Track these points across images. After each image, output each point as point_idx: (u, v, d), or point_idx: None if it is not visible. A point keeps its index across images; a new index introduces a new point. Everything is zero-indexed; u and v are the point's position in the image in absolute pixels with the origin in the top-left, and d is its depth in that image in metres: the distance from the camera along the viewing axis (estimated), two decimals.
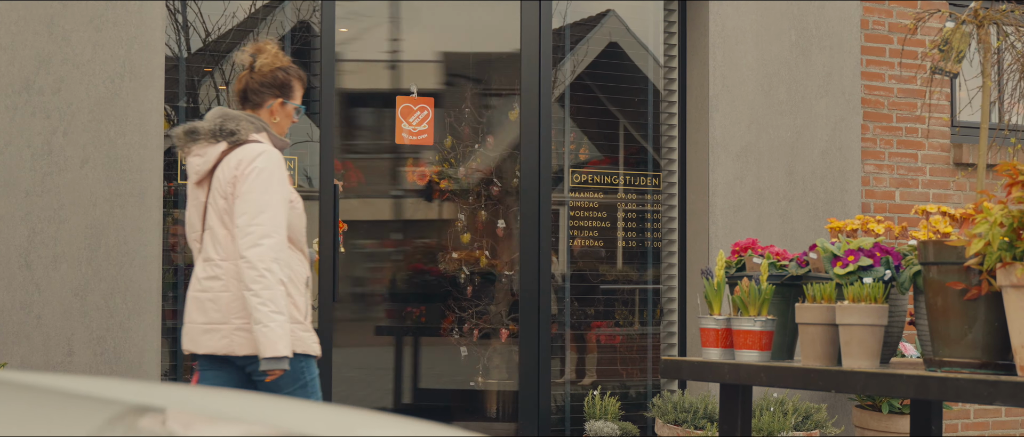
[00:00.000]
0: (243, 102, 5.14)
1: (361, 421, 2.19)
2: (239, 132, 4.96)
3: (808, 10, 8.28)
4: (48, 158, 6.37)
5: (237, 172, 4.87)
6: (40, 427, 1.78)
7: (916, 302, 4.73)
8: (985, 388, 4.06)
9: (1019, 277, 4.06)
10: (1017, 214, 4.09)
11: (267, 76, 5.11)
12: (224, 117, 4.99)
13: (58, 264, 6.37)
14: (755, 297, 4.87)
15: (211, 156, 4.95)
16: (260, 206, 4.79)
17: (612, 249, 8.30)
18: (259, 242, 4.76)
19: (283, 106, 5.12)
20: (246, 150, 4.90)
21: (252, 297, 4.74)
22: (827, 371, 4.56)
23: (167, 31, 6.97)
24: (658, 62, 8.27)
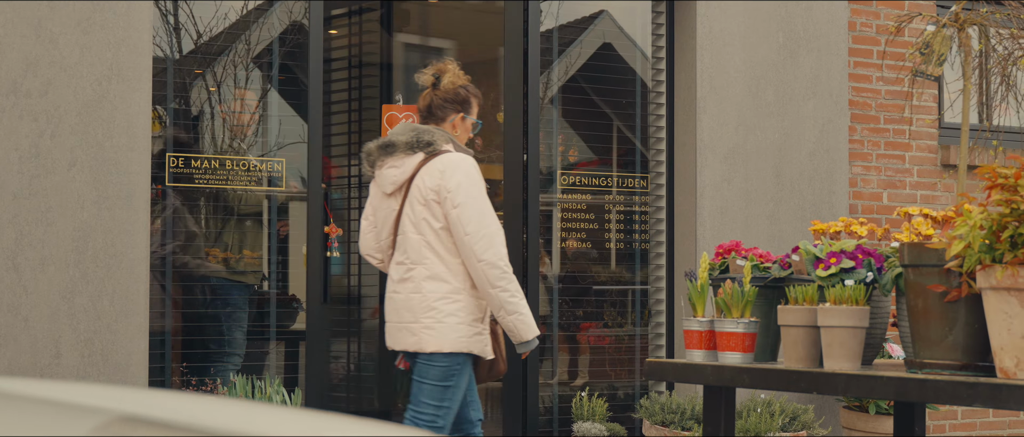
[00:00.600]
0: (427, 117, 5.60)
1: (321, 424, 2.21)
2: (435, 143, 5.41)
3: (795, 12, 8.30)
4: (35, 161, 6.38)
5: (442, 180, 5.32)
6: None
7: (898, 304, 4.75)
8: (964, 390, 4.08)
9: (998, 279, 4.08)
10: (996, 217, 4.11)
11: (449, 93, 5.58)
12: (418, 131, 5.45)
13: (45, 266, 6.38)
14: (738, 299, 4.89)
15: (409, 166, 5.39)
16: (480, 211, 5.29)
17: (601, 250, 8.32)
18: (492, 243, 5.26)
19: (463, 121, 5.61)
20: (447, 159, 5.36)
21: (500, 293, 5.27)
22: (809, 373, 4.58)
23: (159, 33, 6.99)
24: (647, 64, 8.29)
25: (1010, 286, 4.07)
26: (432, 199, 5.33)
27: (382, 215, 5.52)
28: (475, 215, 5.25)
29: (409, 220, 5.38)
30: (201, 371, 7.08)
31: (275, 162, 7.22)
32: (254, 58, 7.33)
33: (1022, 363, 4.09)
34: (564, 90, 8.20)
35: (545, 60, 7.97)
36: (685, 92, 8.09)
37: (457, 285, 5.36)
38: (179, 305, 7.13)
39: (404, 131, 5.45)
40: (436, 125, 5.55)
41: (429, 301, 5.32)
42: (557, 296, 8.11)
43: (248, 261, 7.37)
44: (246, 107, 7.31)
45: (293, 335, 7.51)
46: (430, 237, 5.34)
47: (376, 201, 5.57)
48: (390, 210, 5.47)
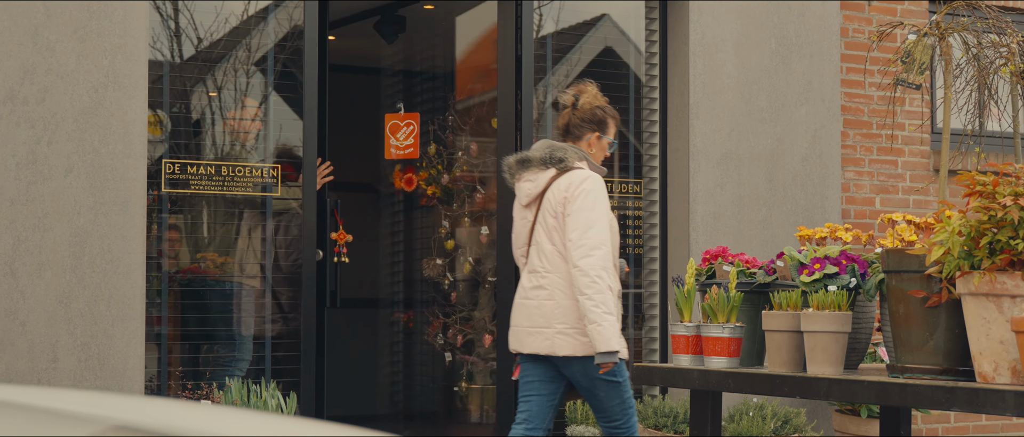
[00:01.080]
0: (565, 135, 5.92)
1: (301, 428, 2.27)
2: (566, 160, 5.72)
3: (788, 19, 8.37)
4: (32, 167, 6.45)
5: (567, 194, 5.60)
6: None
7: (881, 309, 4.81)
8: (942, 394, 4.14)
9: (977, 285, 4.14)
10: (975, 223, 4.17)
11: (587, 113, 5.89)
12: (552, 147, 5.78)
13: (42, 272, 6.45)
14: (724, 305, 4.95)
15: (542, 181, 5.71)
16: (589, 222, 5.50)
17: None
18: (590, 253, 5.45)
19: (599, 140, 5.88)
20: (574, 175, 5.65)
21: (586, 300, 5.42)
22: (792, 377, 4.64)
23: (159, 38, 7.05)
24: (640, 70, 8.35)
25: (988, 292, 4.13)
26: (560, 212, 5.64)
27: (518, 225, 5.88)
28: (582, 224, 5.50)
29: (543, 230, 5.71)
30: (199, 376, 7.14)
31: (269, 168, 7.28)
32: (254, 63, 7.39)
33: (1000, 368, 4.15)
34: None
35: (543, 66, 8.03)
36: (678, 98, 8.15)
37: None
38: (181, 310, 7.19)
39: (540, 148, 5.83)
40: (573, 143, 5.88)
41: (563, 308, 5.58)
42: None
43: (247, 265, 7.43)
44: (245, 112, 7.37)
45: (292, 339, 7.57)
46: (562, 247, 5.64)
47: (515, 211, 5.94)
48: (525, 221, 5.82)
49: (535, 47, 7.96)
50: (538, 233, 5.73)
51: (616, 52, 8.46)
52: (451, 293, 8.95)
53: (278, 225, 7.37)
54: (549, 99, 8.16)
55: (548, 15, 8.16)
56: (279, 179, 7.30)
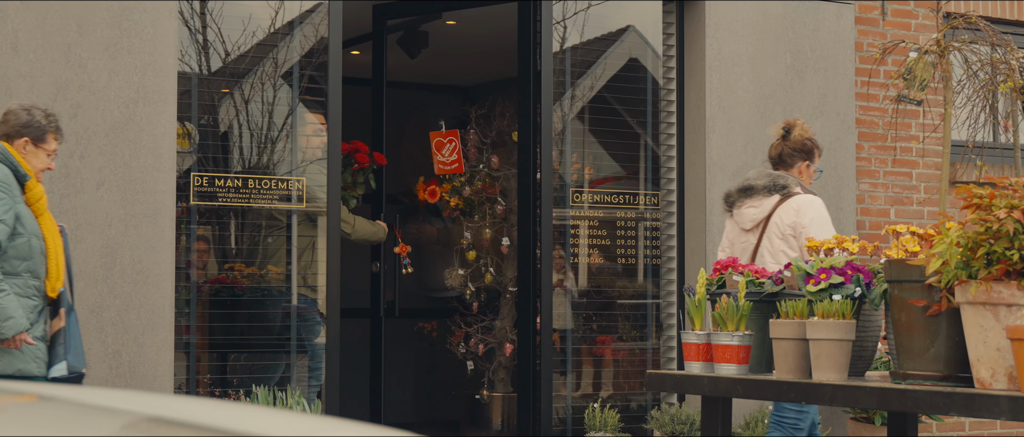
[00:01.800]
0: (777, 164, 6.55)
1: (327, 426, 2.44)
2: (789, 186, 6.35)
3: (803, 34, 8.52)
4: (65, 180, 6.65)
5: (797, 218, 6.24)
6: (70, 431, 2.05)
7: (886, 318, 4.96)
8: (941, 399, 4.30)
9: (973, 294, 4.30)
10: (972, 235, 4.33)
11: (797, 144, 6.53)
12: (773, 176, 6.40)
13: (76, 282, 6.64)
14: (733, 313, 5.11)
15: (767, 206, 6.33)
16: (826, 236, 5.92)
17: (615, 266, 8.54)
18: None
19: (808, 168, 6.53)
20: (802, 199, 6.30)
21: None
22: (798, 383, 4.80)
23: (187, 51, 7.25)
24: (658, 84, 8.52)
25: (985, 301, 4.28)
26: (788, 234, 6.22)
27: (739, 248, 6.40)
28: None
29: (768, 252, 6.27)
30: (227, 383, 7.34)
31: (296, 181, 7.48)
32: (281, 75, 7.58)
33: (997, 374, 4.30)
34: (583, 109, 8.44)
35: (564, 80, 8.21)
36: (695, 112, 8.31)
37: None
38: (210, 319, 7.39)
39: (760, 176, 6.41)
40: (785, 171, 6.48)
41: None
42: (572, 310, 8.34)
43: (274, 275, 7.62)
44: (272, 125, 7.56)
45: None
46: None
47: (733, 235, 6.50)
48: (747, 244, 6.36)
49: (555, 62, 8.13)
50: (763, 254, 6.26)
51: (636, 66, 8.62)
52: (473, 303, 9.13)
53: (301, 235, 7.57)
54: (572, 112, 8.33)
55: (570, 28, 8.33)
56: (304, 192, 7.48)
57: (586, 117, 8.56)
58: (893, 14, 9.00)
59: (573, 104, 8.38)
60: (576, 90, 8.39)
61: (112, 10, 6.79)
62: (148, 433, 2.17)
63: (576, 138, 8.44)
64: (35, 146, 5.82)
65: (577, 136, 8.47)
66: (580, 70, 8.43)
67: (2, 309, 5.48)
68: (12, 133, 5.80)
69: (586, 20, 8.47)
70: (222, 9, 7.42)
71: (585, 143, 8.57)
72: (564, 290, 8.33)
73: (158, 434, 2.19)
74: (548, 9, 8.04)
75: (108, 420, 2.19)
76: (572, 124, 8.39)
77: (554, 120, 8.16)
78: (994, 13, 9.39)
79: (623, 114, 8.63)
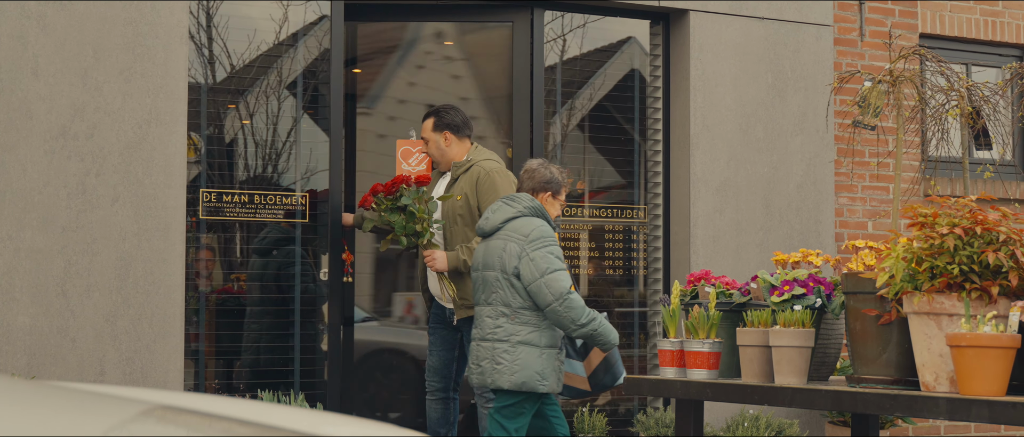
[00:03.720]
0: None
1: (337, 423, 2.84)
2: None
3: (784, 55, 8.93)
4: (82, 197, 7.06)
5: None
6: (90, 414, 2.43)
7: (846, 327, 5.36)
8: (887, 401, 4.70)
9: (917, 305, 4.70)
10: (917, 250, 4.73)
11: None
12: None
13: (91, 293, 7.06)
14: (704, 322, 5.51)
15: None
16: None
17: (604, 275, 8.95)
18: None
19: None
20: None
21: None
22: (762, 387, 5.20)
23: (194, 65, 7.66)
24: (646, 102, 8.92)
25: (928, 311, 4.68)
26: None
27: None
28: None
29: None
30: (234, 388, 7.74)
31: (299, 196, 7.89)
32: (286, 88, 8.00)
33: (940, 378, 4.70)
34: (574, 126, 8.83)
35: (554, 99, 8.61)
36: (680, 130, 8.71)
37: None
38: (216, 327, 7.80)
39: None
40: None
41: None
42: None
43: (282, 285, 8.03)
44: (276, 139, 7.97)
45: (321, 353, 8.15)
46: None
47: None
48: None
49: (546, 82, 8.54)
50: None
51: (626, 85, 9.02)
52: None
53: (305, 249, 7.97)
54: (571, 124, 8.74)
55: (559, 48, 8.74)
56: (307, 206, 7.89)
57: (578, 133, 8.96)
58: (871, 35, 9.40)
59: (567, 120, 8.79)
60: (569, 107, 8.79)
61: (126, 36, 7.20)
62: (162, 419, 2.54)
63: (567, 153, 8.84)
64: (553, 198, 6.83)
65: (569, 152, 8.87)
66: (570, 89, 8.83)
67: (607, 329, 6.49)
68: (537, 188, 6.78)
69: (578, 39, 8.87)
70: (228, 23, 7.84)
71: (576, 158, 8.97)
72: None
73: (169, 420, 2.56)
74: (540, 29, 8.45)
75: (124, 407, 2.57)
76: (565, 140, 8.79)
77: (553, 133, 8.57)
78: (969, 33, 9.80)
79: (612, 131, 9.03)
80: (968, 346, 4.45)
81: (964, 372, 4.48)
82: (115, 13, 7.18)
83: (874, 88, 5.04)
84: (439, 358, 7.45)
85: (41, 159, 7.01)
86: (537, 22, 8.48)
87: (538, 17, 8.49)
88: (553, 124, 8.70)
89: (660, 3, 8.64)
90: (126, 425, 2.35)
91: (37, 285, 6.97)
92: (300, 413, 2.99)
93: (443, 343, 7.46)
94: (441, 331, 7.46)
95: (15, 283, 6.93)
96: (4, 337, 6.89)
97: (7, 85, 6.96)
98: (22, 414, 2.38)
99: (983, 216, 4.68)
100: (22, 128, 6.98)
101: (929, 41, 9.76)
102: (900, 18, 9.56)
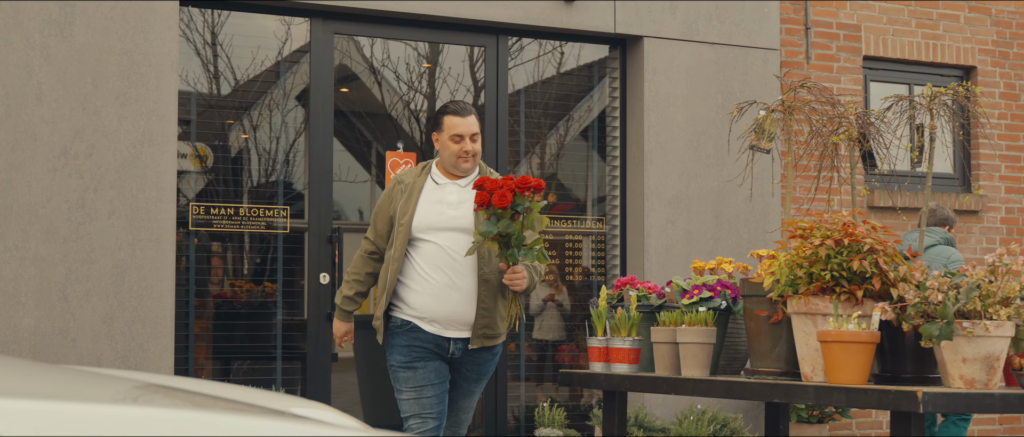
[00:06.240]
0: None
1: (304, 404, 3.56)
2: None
3: (733, 77, 9.65)
4: (82, 210, 7.81)
5: None
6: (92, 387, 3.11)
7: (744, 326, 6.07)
8: (768, 389, 5.42)
9: (796, 306, 5.41)
10: (797, 258, 5.44)
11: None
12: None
13: (90, 297, 7.81)
14: (626, 322, 6.23)
15: None
16: None
17: (565, 282, 9.68)
18: None
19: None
20: None
21: None
22: (671, 378, 5.92)
23: (199, 81, 8.42)
24: (603, 121, 9.65)
25: (805, 311, 5.40)
26: None
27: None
28: None
29: None
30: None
31: (280, 210, 8.63)
32: (277, 105, 8.76)
33: (816, 369, 5.41)
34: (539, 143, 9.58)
35: (518, 117, 9.34)
36: (635, 146, 9.44)
37: None
38: (205, 329, 8.56)
39: None
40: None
41: None
42: (524, 318, 9.46)
43: (268, 291, 8.78)
44: (266, 154, 8.74)
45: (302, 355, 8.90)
46: None
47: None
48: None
49: (512, 102, 9.27)
50: None
51: (588, 105, 9.76)
52: None
53: (288, 256, 8.72)
54: (534, 144, 9.47)
55: (525, 70, 9.48)
56: (288, 219, 8.63)
57: (542, 149, 9.70)
58: (817, 58, 10.12)
59: (531, 137, 9.53)
60: (535, 124, 9.52)
61: (122, 65, 7.95)
62: (151, 395, 3.21)
63: (532, 168, 9.58)
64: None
65: (533, 168, 9.60)
66: (534, 108, 9.57)
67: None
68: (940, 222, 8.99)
69: (542, 63, 9.61)
70: (222, 39, 8.61)
71: (540, 173, 9.70)
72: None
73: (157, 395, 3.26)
74: (505, 53, 9.19)
75: (117, 385, 3.28)
76: (529, 155, 9.53)
77: (518, 150, 9.31)
78: (911, 55, 10.51)
79: (575, 147, 9.76)
80: (834, 341, 5.16)
81: (831, 364, 5.19)
82: (111, 44, 7.93)
83: (768, 116, 5.76)
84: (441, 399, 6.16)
85: (44, 176, 7.75)
86: (503, 47, 9.22)
87: (503, 42, 9.22)
88: (518, 141, 9.43)
89: (617, 31, 9.36)
90: (125, 396, 3.00)
91: (41, 290, 7.72)
92: (272, 395, 3.71)
93: (438, 375, 6.13)
94: (434, 362, 6.13)
95: (20, 288, 7.68)
96: (11, 337, 7.64)
97: (14, 110, 7.71)
98: (42, 384, 3.02)
99: (852, 229, 5.40)
100: (27, 148, 7.73)
101: (873, 63, 10.48)
102: (845, 42, 10.27)
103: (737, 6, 9.69)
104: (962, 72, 10.82)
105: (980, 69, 10.76)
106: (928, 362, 5.35)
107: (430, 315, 6.05)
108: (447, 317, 6.05)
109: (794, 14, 10.11)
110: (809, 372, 5.43)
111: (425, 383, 6.05)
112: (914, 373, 5.34)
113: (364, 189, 11.13)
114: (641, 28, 9.40)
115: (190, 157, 8.39)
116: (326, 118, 8.72)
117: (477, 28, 9.17)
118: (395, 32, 9.37)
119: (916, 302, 5.08)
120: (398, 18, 8.98)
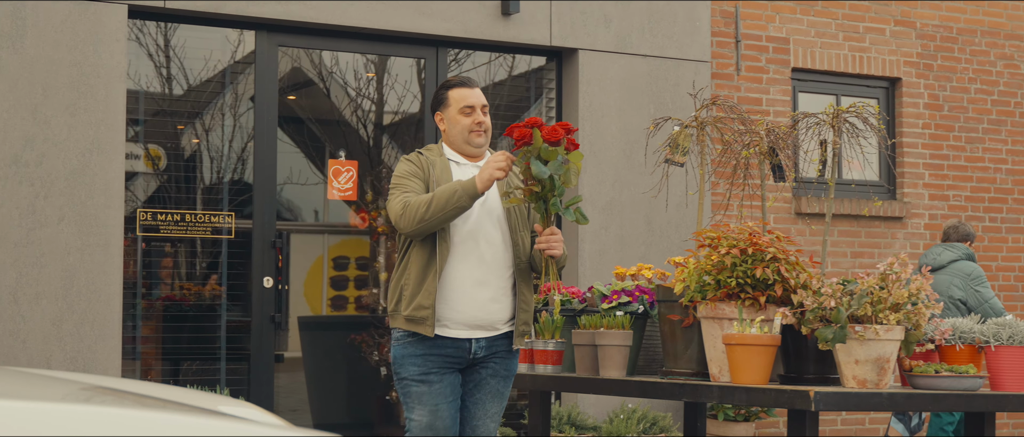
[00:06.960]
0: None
1: (233, 404, 3.88)
2: None
3: (664, 88, 10.01)
4: (32, 217, 8.10)
5: None
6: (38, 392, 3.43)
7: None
8: (676, 389, 5.77)
9: (705, 311, 5.77)
10: (705, 266, 5.80)
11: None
12: None
13: (40, 300, 8.10)
14: (550, 326, 6.57)
15: None
16: None
17: None
18: None
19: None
20: None
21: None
22: (591, 379, 6.26)
23: (152, 83, 8.72)
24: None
25: (713, 316, 5.76)
26: None
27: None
28: None
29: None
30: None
31: (226, 215, 8.94)
32: (227, 110, 9.07)
33: (723, 370, 5.77)
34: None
35: None
36: None
37: None
38: (152, 330, 8.86)
39: None
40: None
41: None
42: None
43: (214, 293, 9.08)
44: (213, 160, 9.06)
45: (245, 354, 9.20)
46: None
47: None
48: None
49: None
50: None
51: (525, 113, 10.10)
52: (385, 317, 10.57)
53: (231, 260, 9.03)
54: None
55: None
56: (233, 225, 8.94)
57: None
58: (747, 70, 10.51)
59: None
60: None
61: (72, 76, 8.24)
62: (98, 397, 3.53)
63: None
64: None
65: None
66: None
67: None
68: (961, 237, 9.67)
69: (482, 72, 9.95)
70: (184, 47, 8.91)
71: None
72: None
73: (105, 397, 3.57)
74: (444, 63, 9.53)
75: (64, 387, 3.59)
76: None
77: None
78: (838, 67, 10.91)
79: None
80: (738, 344, 5.52)
81: (735, 365, 5.55)
82: (62, 55, 8.22)
83: (682, 131, 6.12)
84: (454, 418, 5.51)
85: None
86: (442, 58, 9.55)
87: (442, 54, 9.56)
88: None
89: (553, 43, 9.71)
90: (72, 398, 3.29)
91: None
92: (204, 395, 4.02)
93: (454, 392, 5.49)
94: (450, 376, 5.47)
95: None
96: None
97: None
98: None
99: (757, 239, 5.77)
100: None
101: (802, 74, 10.87)
102: (774, 54, 10.66)
103: (669, 19, 10.05)
104: (888, 83, 11.23)
105: (905, 80, 11.17)
106: (830, 364, 5.71)
107: (456, 317, 5.38)
108: (474, 319, 5.42)
109: (725, 27, 10.48)
110: (717, 373, 5.79)
111: (441, 400, 5.36)
112: (816, 374, 5.70)
113: (315, 192, 11.46)
114: (576, 41, 9.75)
115: (144, 159, 8.71)
116: (270, 127, 9.03)
117: (417, 41, 9.50)
118: (338, 44, 9.67)
119: (814, 307, 5.45)
120: (340, 31, 9.29)
